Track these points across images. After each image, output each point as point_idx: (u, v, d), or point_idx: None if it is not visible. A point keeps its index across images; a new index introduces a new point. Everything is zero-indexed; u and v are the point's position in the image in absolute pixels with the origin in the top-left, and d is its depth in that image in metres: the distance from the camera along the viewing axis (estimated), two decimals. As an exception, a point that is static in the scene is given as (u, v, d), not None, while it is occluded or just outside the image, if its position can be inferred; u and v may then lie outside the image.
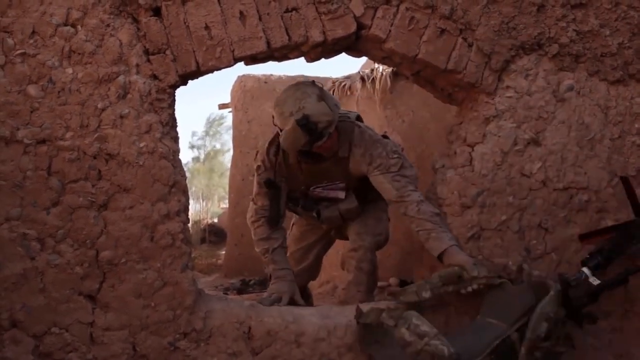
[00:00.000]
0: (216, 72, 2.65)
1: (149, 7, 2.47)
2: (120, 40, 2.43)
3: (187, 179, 2.64)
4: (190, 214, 2.63)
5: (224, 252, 9.18)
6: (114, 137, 2.40)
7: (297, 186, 3.36)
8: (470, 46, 2.79)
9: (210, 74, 2.66)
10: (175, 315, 2.44)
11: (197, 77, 2.65)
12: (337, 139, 3.02)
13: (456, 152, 2.87)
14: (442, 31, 2.76)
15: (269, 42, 2.57)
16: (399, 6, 2.70)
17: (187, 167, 22.52)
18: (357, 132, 3.13)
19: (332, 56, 2.89)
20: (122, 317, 2.40)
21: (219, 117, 23.37)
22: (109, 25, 2.42)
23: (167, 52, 2.49)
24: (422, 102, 4.92)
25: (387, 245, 4.29)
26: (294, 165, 3.20)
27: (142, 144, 2.43)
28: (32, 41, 2.35)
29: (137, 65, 2.45)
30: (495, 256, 2.78)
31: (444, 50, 2.77)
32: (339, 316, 2.67)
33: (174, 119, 2.59)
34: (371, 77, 5.30)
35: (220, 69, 2.59)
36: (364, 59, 6.04)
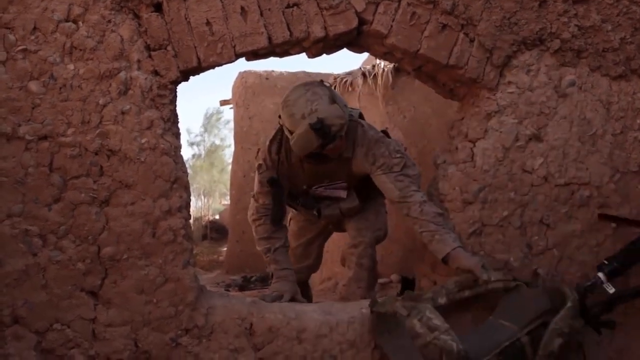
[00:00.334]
0: (217, 68, 2.65)
1: (150, 3, 2.46)
2: (121, 36, 2.43)
3: (189, 176, 2.63)
4: (191, 210, 2.63)
5: (226, 249, 9.20)
6: (115, 133, 2.40)
7: (299, 185, 3.35)
8: (471, 41, 2.79)
9: (211, 70, 2.66)
10: (177, 311, 2.45)
11: (199, 73, 2.65)
12: (345, 140, 2.99)
13: (458, 148, 2.87)
14: (444, 26, 2.75)
15: (270, 38, 2.57)
16: (400, 1, 2.70)
17: (188, 164, 22.47)
18: (360, 131, 3.11)
19: (334, 52, 2.89)
20: (124, 313, 2.40)
21: (216, 112, 23.33)
22: (110, 21, 2.42)
23: (169, 47, 2.49)
24: (424, 97, 4.91)
25: (388, 242, 4.29)
26: (296, 164, 3.18)
27: (143, 140, 2.43)
28: (33, 37, 2.35)
29: (139, 61, 2.45)
30: (496, 252, 2.78)
31: (446, 45, 2.77)
32: (341, 312, 2.68)
33: (176, 115, 2.58)
34: (373, 72, 5.29)
35: (221, 65, 2.58)
36: (366, 55, 6.04)
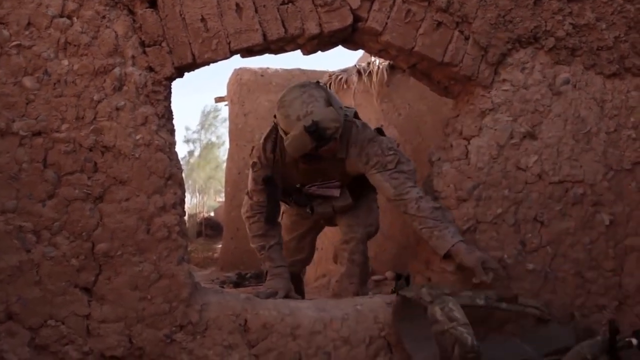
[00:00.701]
0: (212, 65, 2.65)
1: (144, -1, 2.46)
2: (116, 32, 2.42)
3: (185, 173, 2.64)
4: (186, 207, 2.64)
5: (220, 246, 9.18)
6: (109, 130, 2.40)
7: (293, 184, 3.36)
8: (466, 39, 2.79)
9: (206, 67, 2.66)
10: (171, 307, 2.45)
11: (193, 70, 2.64)
12: (339, 141, 3.00)
13: (452, 145, 2.88)
14: (439, 24, 2.75)
15: (265, 35, 2.57)
16: (395, -1, 2.70)
17: (183, 161, 22.45)
18: (354, 131, 3.12)
19: (329, 49, 2.89)
20: (118, 310, 2.40)
21: (213, 109, 23.29)
22: (104, 16, 2.42)
23: (163, 44, 2.48)
24: (419, 95, 4.91)
25: (383, 239, 4.32)
26: (290, 163, 3.20)
27: (138, 136, 2.42)
28: (27, 33, 2.34)
29: (133, 57, 2.44)
30: (490, 249, 2.78)
31: (441, 43, 2.77)
32: (335, 309, 2.68)
33: (170, 111, 2.58)
34: (368, 70, 5.29)
35: (216, 61, 2.58)
36: (361, 52, 6.02)
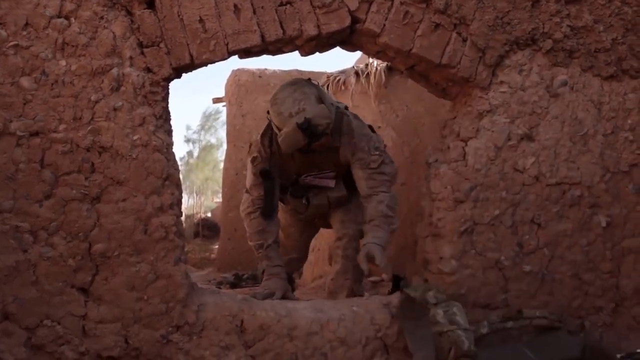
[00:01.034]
0: (210, 66, 2.65)
1: (142, 0, 2.46)
2: (114, 32, 2.42)
3: (183, 174, 2.64)
4: (183, 208, 2.64)
5: (217, 247, 9.17)
6: (107, 130, 2.39)
7: (289, 174, 3.42)
8: (464, 41, 2.80)
9: (204, 68, 2.65)
10: (168, 308, 2.44)
11: (191, 70, 2.64)
12: (330, 136, 3.09)
13: (449, 147, 2.88)
14: (437, 26, 2.76)
15: (263, 36, 2.57)
16: (393, 0, 2.70)
17: (182, 161, 22.47)
18: (345, 121, 3.25)
19: (327, 50, 2.89)
20: (115, 310, 2.40)
21: (214, 111, 23.30)
22: (102, 17, 2.41)
23: (161, 44, 2.48)
24: (417, 96, 4.91)
25: None
26: (287, 154, 3.25)
27: (135, 137, 2.42)
28: (25, 33, 2.34)
29: (131, 57, 2.44)
30: (487, 251, 2.79)
31: (438, 44, 2.77)
32: (332, 310, 2.68)
33: (168, 112, 2.58)
34: (365, 71, 5.29)
35: (214, 62, 2.58)
36: (359, 54, 6.02)
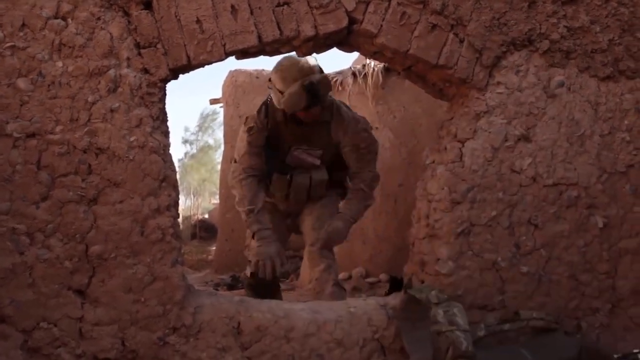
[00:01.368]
0: (208, 67, 2.65)
1: (140, 1, 2.45)
2: (111, 33, 2.42)
3: (180, 175, 2.65)
4: (181, 209, 2.64)
5: (215, 248, 9.16)
6: (104, 131, 2.39)
7: (281, 146, 3.63)
8: (461, 42, 2.79)
9: (201, 68, 2.65)
10: (165, 310, 2.44)
11: (188, 71, 2.64)
12: (320, 110, 3.45)
13: (446, 148, 2.88)
14: (434, 26, 2.76)
15: (260, 37, 2.56)
16: (390, 1, 2.70)
17: (180, 162, 22.47)
18: (335, 104, 3.63)
19: (324, 51, 2.89)
20: (112, 312, 2.39)
21: (212, 112, 23.31)
22: (99, 18, 2.41)
23: (158, 45, 2.48)
24: (414, 97, 4.93)
25: (378, 241, 4.40)
26: (281, 124, 3.55)
27: (132, 138, 2.42)
28: (22, 34, 2.33)
29: (128, 58, 2.44)
30: (485, 252, 2.79)
31: (435, 45, 2.77)
32: (329, 311, 2.68)
33: (165, 113, 2.58)
34: (363, 72, 5.30)
35: (211, 63, 2.58)
36: (356, 54, 6.04)
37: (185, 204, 22.19)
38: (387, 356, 2.64)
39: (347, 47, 2.95)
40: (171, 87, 2.62)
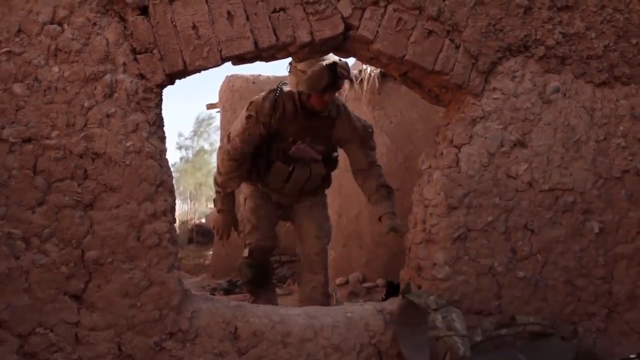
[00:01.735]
0: (204, 72, 2.65)
1: (136, 6, 2.45)
2: (107, 39, 2.42)
3: (175, 179, 2.65)
4: (177, 214, 2.64)
5: (212, 253, 9.15)
6: (100, 136, 2.39)
7: (287, 136, 3.75)
8: (457, 48, 2.80)
9: (198, 74, 2.65)
10: (161, 315, 2.44)
11: (185, 77, 2.63)
12: (331, 102, 3.62)
13: (443, 153, 2.88)
14: (430, 32, 2.76)
15: (256, 42, 2.57)
16: (386, 7, 2.71)
17: (175, 167, 22.46)
18: (342, 102, 3.86)
19: (320, 57, 2.90)
20: (108, 317, 2.39)
21: (207, 117, 23.32)
22: (95, 23, 2.41)
23: (154, 51, 2.48)
24: (410, 103, 4.93)
25: (374, 246, 4.52)
26: (290, 115, 3.66)
27: (128, 144, 2.42)
28: (17, 39, 2.33)
29: (124, 64, 2.44)
30: (481, 257, 2.79)
31: (431, 51, 2.78)
32: (326, 317, 2.68)
33: (161, 119, 2.58)
34: (359, 78, 5.30)
35: (207, 69, 2.58)
36: (352, 60, 6.05)
37: (181, 209, 22.19)
38: (384, 361, 2.64)
39: (343, 53, 2.96)
40: (164, 93, 2.62)
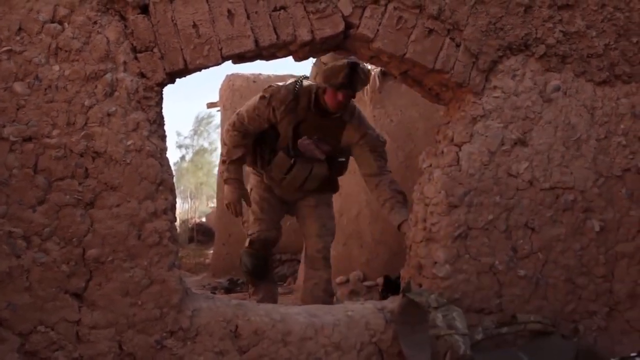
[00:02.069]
0: (204, 71, 2.65)
1: (136, 5, 2.45)
2: (107, 37, 2.42)
3: (175, 178, 2.65)
4: (178, 213, 2.65)
5: (212, 252, 9.16)
6: (101, 135, 2.39)
7: (295, 130, 3.74)
8: (457, 46, 2.80)
9: (198, 73, 2.65)
10: (162, 313, 2.44)
11: (185, 75, 2.64)
12: (344, 105, 3.58)
13: (443, 152, 2.88)
14: (430, 31, 2.76)
15: (257, 41, 2.57)
16: (387, 5, 2.71)
17: (175, 166, 22.47)
18: (357, 107, 3.81)
19: (320, 55, 2.90)
20: (109, 316, 2.39)
21: (207, 115, 23.34)
22: (96, 22, 2.41)
23: (155, 50, 2.48)
24: (411, 101, 4.93)
25: (375, 245, 4.50)
26: (302, 111, 3.67)
27: (129, 142, 2.42)
28: (18, 38, 2.33)
29: (125, 62, 2.44)
30: (482, 255, 2.79)
31: (432, 50, 2.78)
32: (326, 315, 2.68)
33: (162, 117, 2.58)
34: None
35: (208, 67, 2.58)
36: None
37: (182, 207, 22.20)
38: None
39: (343, 51, 2.96)
40: (165, 91, 2.63)
